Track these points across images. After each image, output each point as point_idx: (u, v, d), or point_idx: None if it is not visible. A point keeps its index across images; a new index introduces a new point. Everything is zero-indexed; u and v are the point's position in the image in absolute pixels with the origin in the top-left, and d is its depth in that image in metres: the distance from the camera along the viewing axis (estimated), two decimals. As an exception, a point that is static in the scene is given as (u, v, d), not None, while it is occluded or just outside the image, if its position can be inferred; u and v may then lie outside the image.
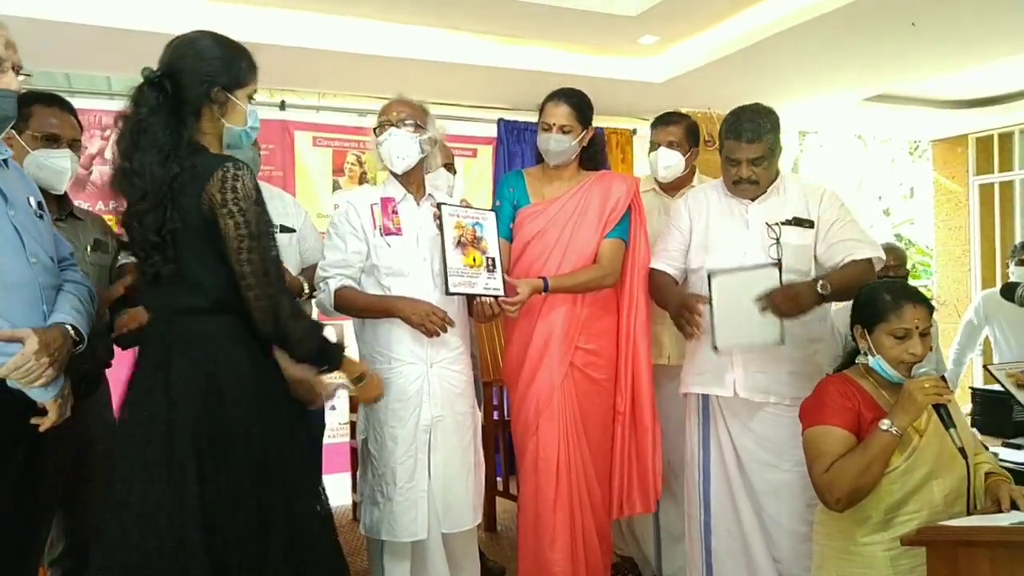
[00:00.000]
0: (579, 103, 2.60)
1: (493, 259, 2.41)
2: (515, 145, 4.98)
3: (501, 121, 4.99)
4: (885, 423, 1.83)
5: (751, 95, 2.58)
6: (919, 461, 1.87)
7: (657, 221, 2.82)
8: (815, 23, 3.64)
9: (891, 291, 1.99)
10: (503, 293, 2.39)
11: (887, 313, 1.95)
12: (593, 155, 2.69)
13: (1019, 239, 5.68)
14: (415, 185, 2.47)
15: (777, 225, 2.39)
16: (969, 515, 1.87)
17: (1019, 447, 2.94)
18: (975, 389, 3.60)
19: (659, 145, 2.96)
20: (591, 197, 2.60)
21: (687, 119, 3.03)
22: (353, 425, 3.40)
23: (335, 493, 1.99)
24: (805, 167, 9.04)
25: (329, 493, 1.91)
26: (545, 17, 3.70)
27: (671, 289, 2.52)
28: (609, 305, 2.64)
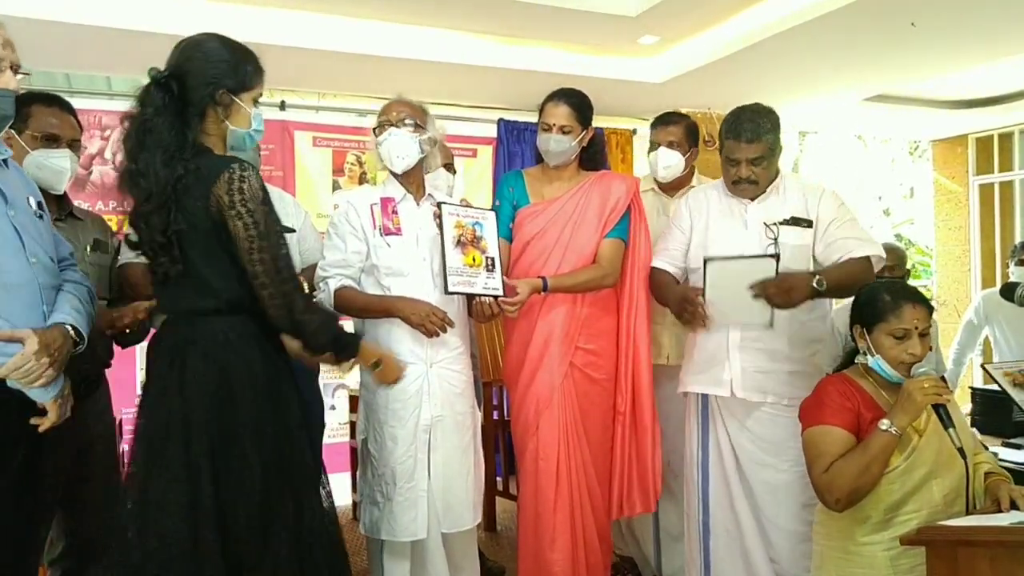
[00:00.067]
0: (579, 103, 2.60)
1: (492, 259, 2.41)
2: (515, 145, 4.97)
3: (501, 121, 4.99)
4: (884, 423, 1.83)
5: (751, 95, 2.58)
6: (918, 461, 1.87)
7: (656, 221, 2.83)
8: (815, 23, 3.64)
9: (891, 291, 1.99)
10: (502, 293, 2.39)
11: (886, 313, 1.95)
12: (593, 155, 2.69)
13: (1019, 239, 5.68)
14: (415, 185, 2.47)
15: (775, 225, 2.39)
16: (968, 515, 1.87)
17: (1019, 447, 2.94)
18: (975, 389, 3.60)
19: (659, 145, 2.97)
20: (591, 197, 2.60)
21: (687, 119, 3.03)
22: (353, 425, 3.40)
23: (335, 493, 2.00)
24: (805, 167, 9.03)
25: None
26: (545, 17, 3.70)
27: (672, 287, 2.52)
28: (609, 305, 2.64)
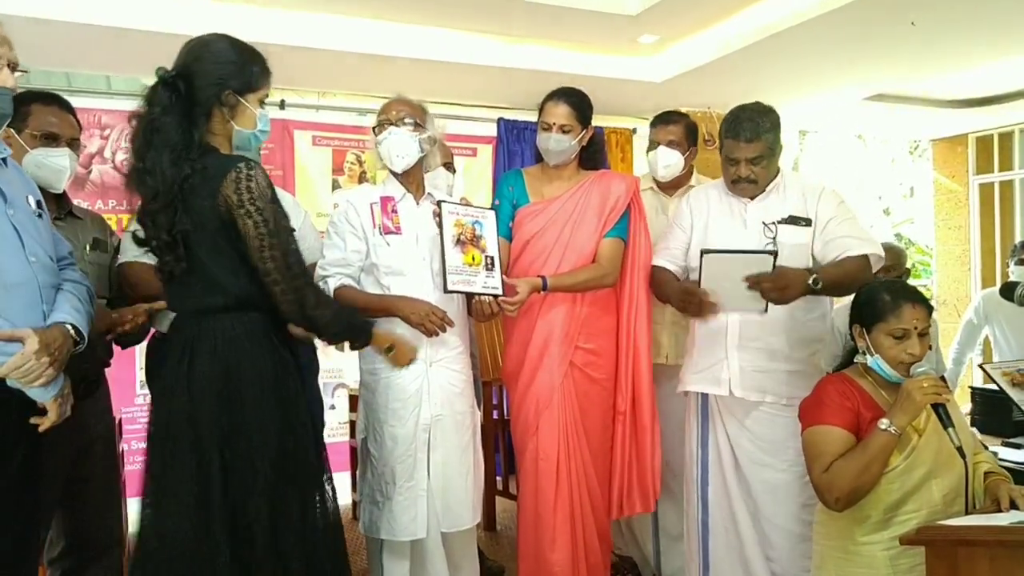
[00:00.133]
0: (579, 102, 2.60)
1: (492, 258, 2.41)
2: (515, 144, 4.97)
3: (501, 120, 4.99)
4: (884, 422, 1.83)
5: (751, 95, 2.58)
6: (918, 461, 1.87)
7: (655, 220, 2.83)
8: (815, 23, 3.63)
9: (890, 291, 1.99)
10: (502, 292, 2.39)
11: (886, 313, 1.95)
12: (593, 154, 2.69)
13: (1019, 239, 5.67)
14: (414, 184, 2.47)
15: (774, 224, 2.39)
16: (968, 514, 1.87)
17: (1019, 447, 2.94)
18: (975, 389, 3.59)
19: (658, 144, 2.97)
20: (590, 196, 2.60)
21: (686, 118, 3.03)
22: (353, 424, 3.40)
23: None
24: (805, 166, 9.03)
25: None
26: (545, 17, 3.70)
27: (672, 284, 2.52)
28: (609, 304, 2.64)
